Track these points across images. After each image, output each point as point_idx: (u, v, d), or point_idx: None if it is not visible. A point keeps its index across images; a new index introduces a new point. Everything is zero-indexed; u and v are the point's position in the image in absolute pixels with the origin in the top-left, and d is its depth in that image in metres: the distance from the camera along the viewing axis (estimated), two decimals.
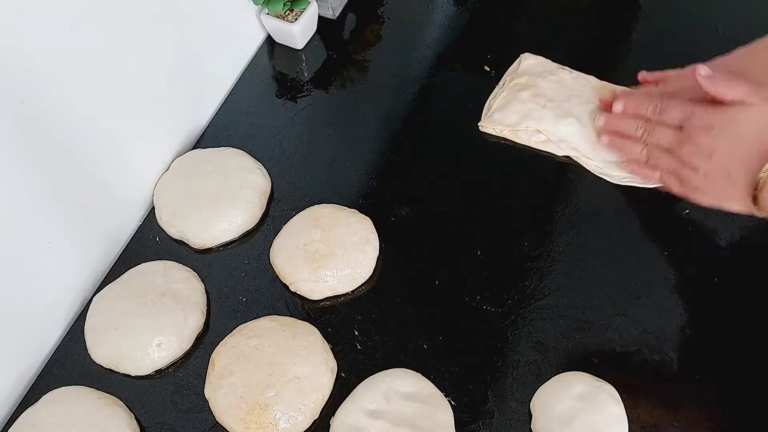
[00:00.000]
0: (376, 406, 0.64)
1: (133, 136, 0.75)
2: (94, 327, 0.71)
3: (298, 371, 0.65)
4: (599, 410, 0.62)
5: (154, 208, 0.79)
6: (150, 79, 0.75)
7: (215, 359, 0.68)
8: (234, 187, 0.77)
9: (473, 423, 0.65)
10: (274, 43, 0.93)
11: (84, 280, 0.74)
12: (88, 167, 0.70)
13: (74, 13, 0.62)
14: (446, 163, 0.81)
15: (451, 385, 0.66)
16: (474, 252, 0.74)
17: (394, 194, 0.79)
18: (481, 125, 0.83)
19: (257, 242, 0.77)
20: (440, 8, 0.95)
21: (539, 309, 0.70)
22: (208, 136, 0.86)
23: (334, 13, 0.94)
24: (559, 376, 0.66)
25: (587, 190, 0.77)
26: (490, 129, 0.82)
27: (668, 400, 0.65)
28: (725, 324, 0.69)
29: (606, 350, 0.68)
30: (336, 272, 0.71)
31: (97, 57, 0.66)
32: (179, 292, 0.71)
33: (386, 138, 0.84)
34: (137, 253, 0.77)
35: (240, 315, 0.72)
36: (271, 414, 0.64)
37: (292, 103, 0.88)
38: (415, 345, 0.69)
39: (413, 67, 0.89)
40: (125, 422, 0.65)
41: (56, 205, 0.68)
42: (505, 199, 0.78)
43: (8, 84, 0.58)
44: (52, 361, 0.71)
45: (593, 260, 0.73)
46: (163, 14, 0.74)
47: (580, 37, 0.92)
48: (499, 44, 0.89)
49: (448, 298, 0.71)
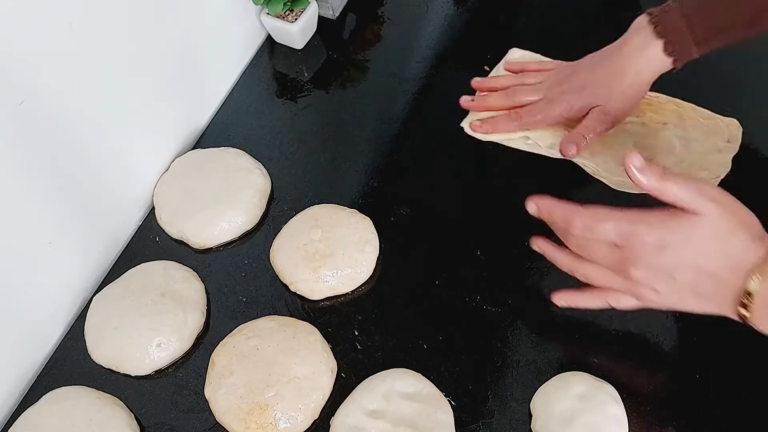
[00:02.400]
0: (376, 406, 0.64)
1: (133, 136, 0.75)
2: (94, 327, 0.71)
3: (298, 371, 0.65)
4: (599, 410, 0.62)
5: (154, 208, 0.79)
6: (150, 79, 0.75)
7: (215, 359, 0.68)
8: (234, 187, 0.77)
9: (473, 423, 0.65)
10: (274, 43, 0.93)
11: (84, 280, 0.74)
12: (87, 167, 0.70)
13: (74, 13, 0.62)
14: (446, 163, 0.81)
15: (451, 385, 0.66)
16: (474, 252, 0.74)
17: (394, 194, 0.79)
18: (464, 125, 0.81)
19: (257, 242, 0.77)
20: (440, 8, 0.95)
21: (539, 309, 0.70)
22: (208, 136, 0.86)
23: (334, 13, 0.94)
24: (559, 376, 0.66)
25: (587, 190, 0.77)
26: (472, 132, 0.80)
27: (668, 400, 0.65)
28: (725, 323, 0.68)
29: (606, 350, 0.68)
30: (336, 272, 0.71)
31: (96, 57, 0.66)
32: (179, 292, 0.71)
33: (386, 138, 0.84)
34: (137, 253, 0.77)
35: (240, 315, 0.72)
36: (271, 414, 0.64)
37: (292, 103, 0.88)
38: (415, 345, 0.69)
39: (413, 67, 0.89)
40: (125, 422, 0.65)
41: (56, 205, 0.68)
42: (505, 199, 0.78)
43: (8, 84, 0.58)
44: (52, 361, 0.71)
45: None
46: (163, 14, 0.74)
47: (580, 37, 0.92)
48: (499, 44, 0.89)
49: (448, 298, 0.72)
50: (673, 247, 0.55)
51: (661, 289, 0.57)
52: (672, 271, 0.56)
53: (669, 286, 0.57)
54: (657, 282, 0.57)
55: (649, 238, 0.55)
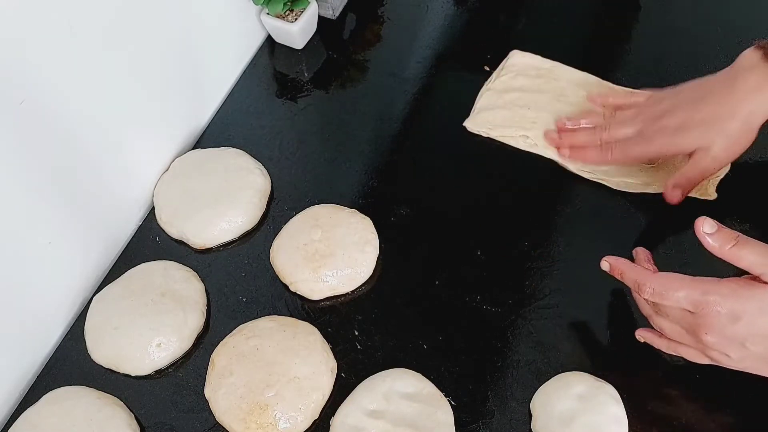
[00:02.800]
0: (376, 406, 0.64)
1: (133, 136, 0.75)
2: (94, 327, 0.71)
3: (298, 371, 0.65)
4: (599, 410, 0.62)
5: (154, 208, 0.79)
6: (150, 79, 0.75)
7: (215, 359, 0.68)
8: (234, 187, 0.77)
9: (473, 423, 0.65)
10: (274, 43, 0.93)
11: (84, 280, 0.74)
12: (87, 167, 0.70)
13: (74, 13, 0.62)
14: (446, 163, 0.81)
15: (451, 385, 0.66)
16: (474, 252, 0.74)
17: (394, 194, 0.79)
18: (467, 125, 0.82)
19: (257, 242, 0.77)
20: (440, 8, 0.95)
21: (539, 309, 0.70)
22: (208, 136, 0.86)
23: (334, 13, 0.94)
24: (559, 376, 0.66)
25: (587, 190, 0.77)
26: (475, 129, 0.82)
27: (668, 400, 0.65)
28: None
29: (606, 350, 0.68)
30: (336, 272, 0.71)
31: (96, 56, 0.66)
32: (179, 292, 0.71)
33: (386, 138, 0.84)
34: (137, 253, 0.77)
35: (240, 315, 0.72)
36: (271, 414, 0.64)
37: (292, 103, 0.88)
38: (415, 345, 0.69)
39: (413, 67, 0.89)
40: (125, 422, 0.65)
41: (56, 205, 0.68)
42: (505, 199, 0.78)
43: (8, 84, 0.58)
44: (52, 361, 0.71)
45: (593, 260, 0.73)
46: (163, 14, 0.74)
47: (580, 37, 0.92)
48: (499, 44, 0.89)
49: (448, 298, 0.72)
50: (746, 318, 0.55)
51: (733, 355, 0.57)
52: (744, 341, 0.56)
53: (741, 353, 0.57)
54: (729, 349, 0.57)
55: (721, 309, 0.55)
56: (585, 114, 0.79)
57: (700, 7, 0.91)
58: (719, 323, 0.56)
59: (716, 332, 0.56)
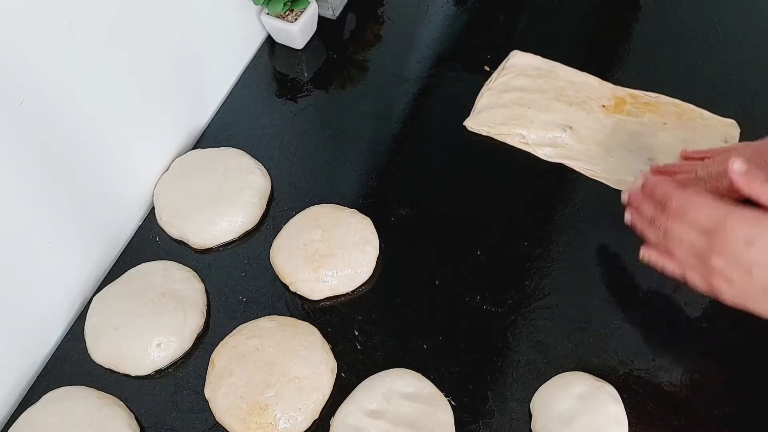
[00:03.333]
0: (376, 406, 0.64)
1: (133, 136, 0.75)
2: (94, 327, 0.71)
3: (298, 371, 0.65)
4: (599, 410, 0.62)
5: (154, 208, 0.79)
6: (150, 79, 0.75)
7: (215, 359, 0.68)
8: (234, 187, 0.77)
9: (473, 423, 0.65)
10: (274, 43, 0.93)
11: (84, 280, 0.74)
12: (88, 167, 0.70)
13: (74, 13, 0.62)
14: (446, 163, 0.81)
15: (451, 385, 0.66)
16: (474, 252, 0.74)
17: (394, 194, 0.79)
18: (467, 124, 0.83)
19: (257, 242, 0.77)
20: (440, 8, 0.95)
21: (539, 309, 0.70)
22: (208, 136, 0.86)
23: (334, 13, 0.94)
24: (559, 376, 0.66)
25: (587, 190, 0.77)
26: (476, 128, 0.82)
27: (668, 400, 0.65)
28: (725, 323, 0.69)
29: (606, 350, 0.68)
30: (336, 272, 0.71)
31: (96, 57, 0.66)
32: (179, 292, 0.71)
33: (386, 138, 0.84)
34: (137, 253, 0.77)
35: (240, 315, 0.72)
36: (271, 414, 0.64)
37: (292, 103, 0.88)
38: (415, 345, 0.69)
39: (413, 67, 0.89)
40: (125, 422, 0.65)
41: (56, 205, 0.68)
42: (505, 199, 0.78)
43: (8, 85, 0.58)
44: (52, 361, 0.71)
45: (593, 260, 0.73)
46: (163, 14, 0.74)
47: (580, 37, 0.92)
48: (499, 44, 0.89)
49: (448, 298, 0.72)
50: (760, 245, 0.56)
51: (736, 281, 0.58)
52: (751, 267, 0.57)
53: (744, 281, 0.57)
54: (734, 274, 0.58)
55: (738, 231, 0.56)
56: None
57: (699, 8, 0.92)
58: (733, 245, 0.57)
59: (727, 255, 0.57)
